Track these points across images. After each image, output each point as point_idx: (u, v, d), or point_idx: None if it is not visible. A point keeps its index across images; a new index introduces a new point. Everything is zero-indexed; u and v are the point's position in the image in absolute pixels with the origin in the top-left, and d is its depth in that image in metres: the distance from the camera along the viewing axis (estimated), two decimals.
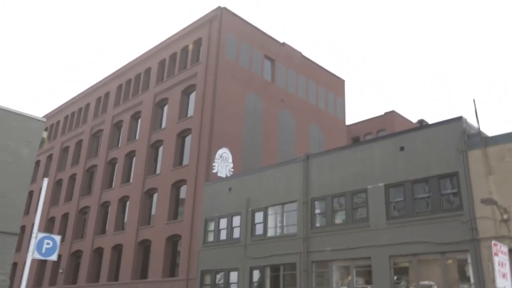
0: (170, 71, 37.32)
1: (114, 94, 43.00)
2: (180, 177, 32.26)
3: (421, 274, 19.18)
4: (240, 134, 32.92)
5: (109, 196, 38.55)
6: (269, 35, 37.67)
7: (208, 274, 27.60)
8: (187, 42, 36.38)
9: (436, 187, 19.35)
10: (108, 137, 41.34)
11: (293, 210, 24.59)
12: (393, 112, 42.83)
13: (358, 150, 23.21)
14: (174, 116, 34.98)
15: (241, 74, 34.30)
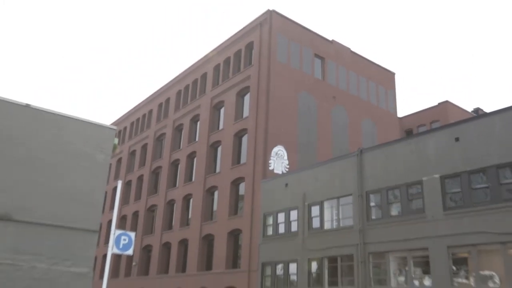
0: (225, 75, 37.76)
1: (174, 100, 44.01)
2: (239, 175, 32.60)
3: (481, 264, 18.65)
4: (294, 132, 32.84)
5: (174, 194, 39.52)
6: (317, 34, 37.36)
7: (268, 265, 27.77)
8: (239, 47, 36.68)
9: (495, 177, 18.74)
10: (170, 140, 42.39)
11: (348, 203, 24.38)
12: (447, 102, 41.67)
13: (412, 142, 22.79)
14: (230, 117, 35.41)
15: (292, 73, 34.19)
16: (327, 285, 24.16)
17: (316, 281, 24.83)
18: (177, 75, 44.99)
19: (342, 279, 23.62)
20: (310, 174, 27.07)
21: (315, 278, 25.00)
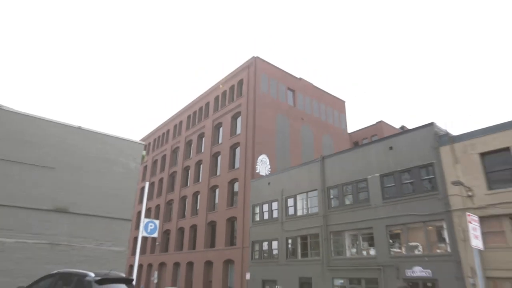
0: (223, 103, 38.07)
1: (185, 122, 44.16)
2: (234, 177, 32.75)
3: (409, 238, 18.85)
4: (273, 144, 33.16)
5: (186, 192, 39.53)
6: (289, 73, 37.77)
7: (257, 243, 27.85)
8: (233, 82, 37.05)
9: (417, 175, 19.10)
10: (183, 152, 42.48)
11: (314, 196, 24.50)
12: (382, 121, 41.94)
13: (359, 151, 23.09)
14: (227, 134, 35.63)
15: (271, 101, 34.55)
16: (300, 256, 24.29)
17: (292, 254, 24.91)
18: (188, 104, 45.19)
19: (311, 252, 23.65)
20: (286, 175, 27.27)
21: (291, 251, 25.08)
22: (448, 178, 17.32)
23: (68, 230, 11.56)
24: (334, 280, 21.41)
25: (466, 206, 16.12)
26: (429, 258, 17.36)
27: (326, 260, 22.09)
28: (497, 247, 15.20)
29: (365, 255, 20.60)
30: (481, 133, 16.86)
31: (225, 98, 37.96)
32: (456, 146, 17.57)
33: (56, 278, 9.08)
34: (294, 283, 23.53)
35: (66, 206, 11.67)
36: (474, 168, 16.66)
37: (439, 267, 16.80)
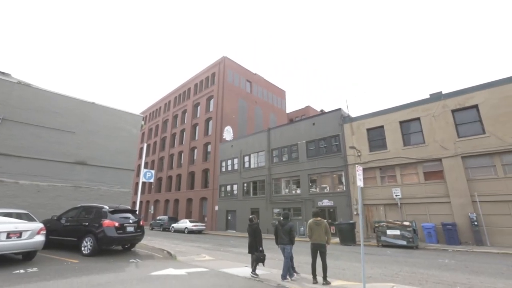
0: (200, 89, 37.10)
1: (173, 101, 42.52)
2: (207, 141, 32.68)
3: (322, 182, 20.06)
4: (236, 120, 33.30)
5: (173, 151, 38.88)
6: (248, 69, 37.26)
7: (223, 186, 28.52)
8: (208, 74, 35.95)
9: (329, 142, 20.18)
10: (171, 123, 41.23)
11: (263, 155, 25.19)
12: (309, 106, 42.60)
13: (293, 125, 23.63)
14: (203, 111, 35.04)
15: (235, 89, 34.27)
16: (251, 194, 25.15)
17: (246, 193, 25.73)
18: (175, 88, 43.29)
19: (259, 192, 24.51)
20: (244, 140, 27.60)
21: (245, 191, 25.88)
22: (347, 144, 18.71)
23: (87, 176, 11.50)
24: (273, 209, 22.74)
25: (356, 161, 17.82)
26: (333, 194, 18.96)
27: (269, 197, 23.31)
28: (371, 186, 17.22)
29: (294, 193, 21.74)
30: (368, 116, 18.32)
31: (202, 85, 36.93)
32: (353, 124, 18.90)
33: (80, 209, 9.25)
34: (247, 211, 24.85)
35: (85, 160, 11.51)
36: (362, 138, 18.20)
37: (338, 199, 18.66)
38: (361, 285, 5.41)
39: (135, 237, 9.08)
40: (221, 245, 15.19)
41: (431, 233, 13.78)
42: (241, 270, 7.53)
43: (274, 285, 5.97)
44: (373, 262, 9.21)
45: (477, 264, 8.76)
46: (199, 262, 8.65)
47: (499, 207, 12.80)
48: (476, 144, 13.87)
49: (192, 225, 24.57)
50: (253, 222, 7.11)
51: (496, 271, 7.70)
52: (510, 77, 13.61)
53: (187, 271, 7.04)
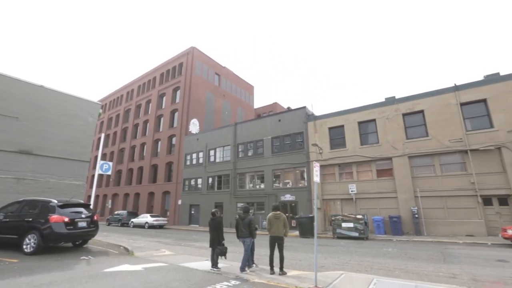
0: (166, 79, 35.62)
1: (136, 90, 40.17)
2: (172, 133, 31.66)
3: (285, 177, 20.64)
4: (203, 112, 32.71)
5: (135, 142, 36.98)
6: (217, 62, 36.63)
7: (187, 180, 28.00)
8: (175, 64, 34.64)
9: (293, 138, 20.75)
10: (133, 112, 39.01)
11: (228, 149, 25.13)
12: (276, 103, 43.19)
13: (260, 121, 23.78)
14: (168, 102, 33.74)
15: (203, 81, 33.49)
16: (216, 189, 25.03)
17: (211, 187, 25.54)
18: (138, 76, 40.90)
19: (223, 186, 24.51)
20: (210, 134, 27.24)
21: (210, 185, 25.68)
22: (310, 142, 19.47)
23: (32, 167, 10.48)
24: (237, 203, 22.94)
25: (318, 158, 18.68)
26: (295, 189, 19.68)
27: (233, 191, 23.44)
28: (330, 182, 18.27)
29: (258, 188, 22.09)
30: (330, 115, 19.29)
31: (169, 75, 35.47)
32: (316, 122, 19.71)
33: (22, 204, 8.50)
34: (211, 206, 24.70)
35: (30, 149, 10.45)
36: (324, 136, 19.13)
37: (300, 194, 19.46)
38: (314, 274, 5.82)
39: (87, 233, 8.61)
40: (182, 239, 15.02)
41: (380, 225, 15.11)
42: (201, 264, 7.58)
43: (232, 277, 6.15)
44: (327, 253, 9.87)
45: (414, 251, 9.86)
46: (158, 257, 8.52)
47: (435, 202, 14.50)
48: (421, 145, 15.45)
49: (153, 220, 23.83)
50: (215, 216, 7.19)
51: (428, 257, 8.76)
52: (450, 88, 15.33)
53: (144, 266, 6.91)
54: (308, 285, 5.35)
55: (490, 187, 13.40)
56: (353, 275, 6.21)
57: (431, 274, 6.50)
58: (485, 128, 14.01)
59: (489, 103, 14.11)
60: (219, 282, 5.57)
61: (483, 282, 5.84)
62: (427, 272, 6.70)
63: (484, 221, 13.25)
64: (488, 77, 14.68)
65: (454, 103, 14.98)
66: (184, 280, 5.71)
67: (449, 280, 5.97)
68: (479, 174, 13.72)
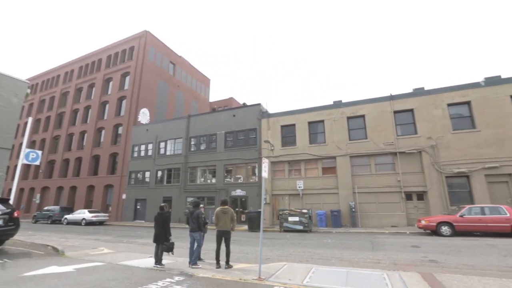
0: (114, 62, 32.57)
1: (77, 71, 35.77)
2: (119, 122, 29.25)
3: (236, 172, 20.86)
4: (154, 101, 30.83)
5: (73, 130, 33.15)
6: (173, 50, 34.76)
7: (133, 173, 26.33)
8: (125, 47, 31.81)
9: (247, 134, 21.04)
10: (73, 96, 34.76)
11: (180, 142, 24.37)
12: (232, 97, 43.08)
13: (214, 115, 23.57)
14: (116, 88, 30.98)
15: (156, 68, 31.51)
16: (165, 182, 24.16)
17: (160, 181, 24.58)
18: (81, 56, 36.46)
19: (173, 180, 23.78)
20: (161, 125, 26.07)
21: (159, 179, 24.70)
22: (263, 138, 19.99)
23: None
24: (187, 198, 22.46)
25: (269, 155, 19.28)
26: (246, 184, 20.04)
27: (183, 185, 22.86)
28: (280, 178, 19.06)
29: (209, 182, 21.95)
30: (283, 114, 20.05)
31: (117, 58, 32.46)
32: (270, 119, 20.28)
33: None
34: (159, 200, 23.73)
35: None
36: (277, 134, 19.80)
37: (250, 189, 19.87)
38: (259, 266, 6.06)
39: (4, 232, 7.52)
40: (125, 236, 14.13)
41: (322, 218, 16.35)
42: (144, 261, 7.28)
43: (177, 273, 6.04)
44: (273, 246, 10.32)
45: (349, 241, 10.95)
46: (95, 256, 7.89)
47: (369, 197, 16.27)
48: (360, 146, 17.11)
49: (91, 216, 21.84)
50: (164, 210, 6.99)
51: (360, 246, 9.83)
52: (386, 97, 17.26)
53: (76, 267, 6.35)
54: (252, 277, 5.56)
55: (411, 184, 15.56)
56: (294, 265, 6.64)
57: (361, 261, 7.33)
58: (411, 134, 16.16)
59: (415, 113, 16.29)
60: (162, 279, 5.44)
61: (400, 265, 6.80)
62: (358, 259, 7.53)
63: (406, 214, 15.36)
64: (416, 90, 16.91)
65: (389, 111, 16.91)
66: (123, 279, 5.43)
67: (375, 265, 6.81)
68: (404, 174, 15.80)
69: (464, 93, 15.54)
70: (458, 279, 5.14)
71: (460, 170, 14.61)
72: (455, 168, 14.76)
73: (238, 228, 16.71)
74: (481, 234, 11.61)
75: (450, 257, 7.49)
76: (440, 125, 15.58)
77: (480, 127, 14.80)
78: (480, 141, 14.58)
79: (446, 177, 14.90)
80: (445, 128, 15.45)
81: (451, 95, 15.78)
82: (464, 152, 14.75)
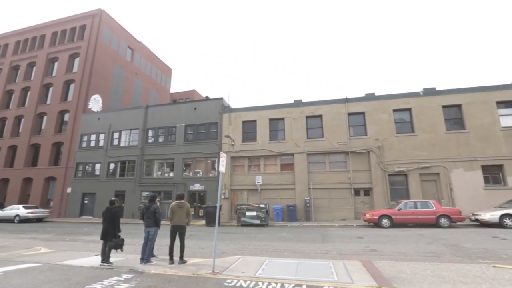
0: (61, 40, 29.21)
1: (13, 46, 31.19)
2: (65, 108, 26.42)
3: (195, 166, 20.57)
4: (108, 88, 28.49)
5: (7, 113, 28.86)
6: (132, 35, 32.41)
7: (81, 164, 24.17)
8: (75, 25, 28.69)
9: (208, 128, 20.79)
10: (6, 75, 30.22)
11: (136, 133, 23.06)
12: (194, 90, 42.03)
13: (175, 106, 22.86)
14: (62, 69, 27.81)
15: (112, 52, 29.07)
16: (118, 176, 22.71)
17: (112, 174, 23.02)
18: (18, 29, 32.01)
19: (127, 173, 22.50)
20: (115, 114, 24.29)
21: (111, 172, 23.10)
22: (223, 133, 19.90)
23: None
24: (142, 192, 21.47)
25: (230, 150, 19.32)
26: (205, 179, 19.84)
27: (138, 178, 21.74)
28: (239, 174, 19.24)
29: (166, 176, 21.25)
30: (245, 109, 20.19)
31: (65, 36, 29.15)
32: (232, 114, 20.28)
33: None
34: (111, 194, 22.13)
35: None
36: (238, 129, 19.88)
37: (209, 184, 19.68)
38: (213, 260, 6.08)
39: None
40: (69, 234, 13.01)
41: (279, 213, 16.94)
42: (89, 260, 6.83)
43: (126, 270, 5.78)
44: (230, 240, 10.43)
45: (303, 235, 11.56)
46: (28, 256, 7.14)
47: (322, 193, 17.34)
48: (317, 145, 18.06)
49: (27, 212, 19.55)
50: (114, 205, 6.62)
51: (312, 238, 10.45)
52: (342, 99, 18.45)
53: (4, 270, 5.67)
54: (206, 271, 5.59)
55: (359, 181, 16.97)
56: (249, 258, 6.82)
57: (311, 252, 7.82)
58: (362, 135, 17.56)
59: (366, 116, 17.72)
60: (109, 277, 5.17)
61: (345, 254, 7.43)
62: (309, 251, 8.02)
63: (354, 208, 16.72)
64: (367, 95, 18.37)
65: (344, 112, 18.11)
66: (62, 280, 5.02)
67: (323, 256, 7.33)
68: (354, 171, 17.14)
69: (406, 100, 17.34)
70: (392, 265, 5.81)
71: (400, 169, 16.35)
72: (396, 167, 16.46)
73: (195, 223, 16.49)
74: (414, 226, 13.19)
75: (387, 246, 8.40)
76: (386, 128, 17.19)
77: (417, 132, 16.70)
78: (417, 144, 16.47)
79: (388, 175, 16.54)
80: (390, 131, 17.10)
81: (397, 101, 17.49)
82: (404, 153, 16.52)
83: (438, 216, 12.45)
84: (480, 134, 15.84)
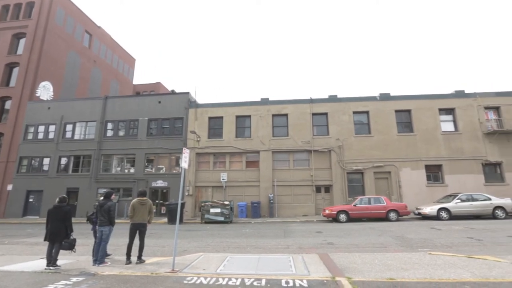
0: (3, 17, 25.84)
1: None
2: (7, 94, 23.50)
3: (158, 163, 19.88)
4: (61, 75, 25.97)
5: None
6: (90, 19, 29.90)
7: (25, 159, 21.78)
8: (19, 0, 25.74)
9: (172, 123, 20.16)
10: None
11: (93, 126, 21.49)
12: (159, 82, 40.47)
13: (137, 99, 21.75)
14: (4, 51, 24.63)
15: (65, 36, 26.51)
16: (71, 171, 20.94)
17: (64, 170, 21.15)
18: None
19: (82, 168, 20.87)
20: (69, 104, 22.30)
21: (62, 168, 21.22)
22: (189, 128, 19.48)
23: None
24: (99, 189, 20.08)
25: (195, 146, 18.96)
26: (168, 175, 19.23)
27: (94, 175, 20.31)
28: (204, 170, 18.98)
29: (126, 172, 20.25)
30: (212, 105, 19.94)
31: (8, 13, 25.86)
32: (198, 110, 19.89)
33: None
34: (61, 192, 20.32)
35: None
36: (204, 125, 19.57)
37: (172, 181, 19.11)
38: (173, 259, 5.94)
39: None
40: (8, 236, 11.74)
41: (243, 210, 17.09)
42: (33, 264, 6.24)
43: (75, 273, 5.39)
44: (192, 237, 10.28)
45: (266, 230, 11.82)
46: None
47: (286, 190, 17.87)
48: (282, 143, 18.52)
49: None
50: (63, 203, 6.12)
51: (274, 234, 10.74)
52: (307, 99, 19.14)
53: None
54: (165, 270, 5.45)
55: (321, 179, 17.82)
56: (210, 255, 6.80)
57: (273, 247, 8.04)
58: (324, 135, 18.42)
59: (329, 117, 18.62)
60: (55, 282, 4.78)
61: (304, 248, 7.78)
62: (271, 246, 8.24)
63: (315, 204, 17.52)
64: (331, 97, 19.28)
65: (308, 112, 18.80)
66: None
67: (284, 250, 7.59)
68: (316, 169, 17.94)
69: (365, 104, 18.58)
70: (345, 256, 6.25)
71: (357, 167, 17.51)
72: (354, 166, 17.59)
73: (157, 221, 15.93)
74: (367, 220, 14.26)
75: (343, 239, 8.98)
76: (346, 129, 18.25)
77: (373, 133, 18.02)
78: (372, 145, 17.77)
79: (347, 173, 17.62)
80: (350, 132, 18.19)
81: (356, 104, 18.64)
82: (361, 153, 17.72)
83: (388, 210, 13.62)
84: (425, 137, 17.62)
